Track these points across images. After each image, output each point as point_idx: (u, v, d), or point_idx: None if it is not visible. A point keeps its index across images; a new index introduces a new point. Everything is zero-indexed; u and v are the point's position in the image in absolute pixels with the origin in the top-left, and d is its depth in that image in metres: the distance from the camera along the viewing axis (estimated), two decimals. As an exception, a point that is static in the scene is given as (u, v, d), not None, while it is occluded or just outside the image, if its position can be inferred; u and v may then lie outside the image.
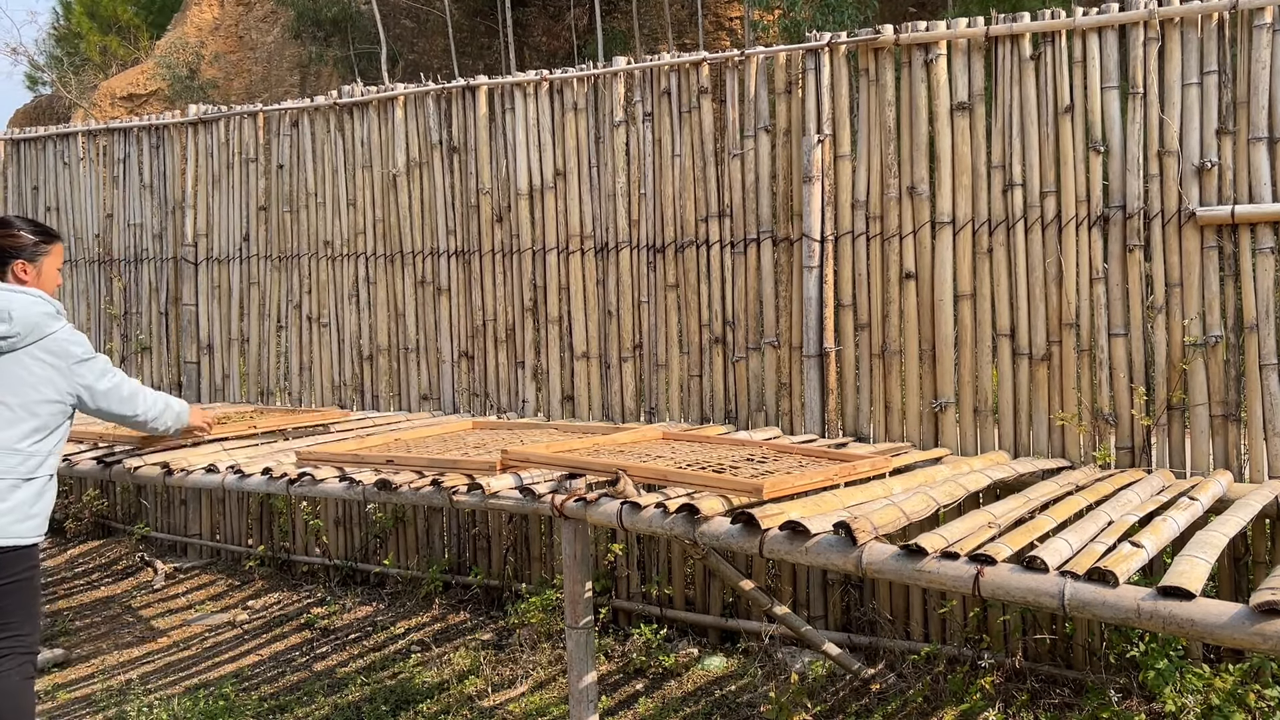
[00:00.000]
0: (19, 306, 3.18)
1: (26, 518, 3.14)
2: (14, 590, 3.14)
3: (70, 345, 3.29)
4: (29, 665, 3.18)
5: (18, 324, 3.17)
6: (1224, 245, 3.74)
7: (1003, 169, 4.06)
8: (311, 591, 5.51)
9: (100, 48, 25.08)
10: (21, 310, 3.18)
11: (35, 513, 3.18)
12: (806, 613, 4.38)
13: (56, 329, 3.26)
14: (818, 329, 4.37)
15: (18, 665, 3.14)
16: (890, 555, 2.40)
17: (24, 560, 3.15)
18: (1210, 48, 3.75)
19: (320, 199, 5.64)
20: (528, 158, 5.04)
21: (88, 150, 6.51)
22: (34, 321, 3.20)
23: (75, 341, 3.31)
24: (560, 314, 4.99)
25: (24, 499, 3.13)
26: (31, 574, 3.18)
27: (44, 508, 3.22)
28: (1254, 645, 1.99)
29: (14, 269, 3.33)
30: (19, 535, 3.12)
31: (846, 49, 4.35)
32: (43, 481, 3.21)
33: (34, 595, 3.20)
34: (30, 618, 3.18)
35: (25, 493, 3.14)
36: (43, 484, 3.21)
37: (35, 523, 3.18)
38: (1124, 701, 3.57)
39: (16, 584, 3.14)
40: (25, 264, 3.35)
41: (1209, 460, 3.76)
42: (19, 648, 3.14)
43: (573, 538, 3.20)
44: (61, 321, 3.30)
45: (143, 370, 6.27)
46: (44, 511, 3.22)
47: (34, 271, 3.36)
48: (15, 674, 3.13)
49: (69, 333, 3.31)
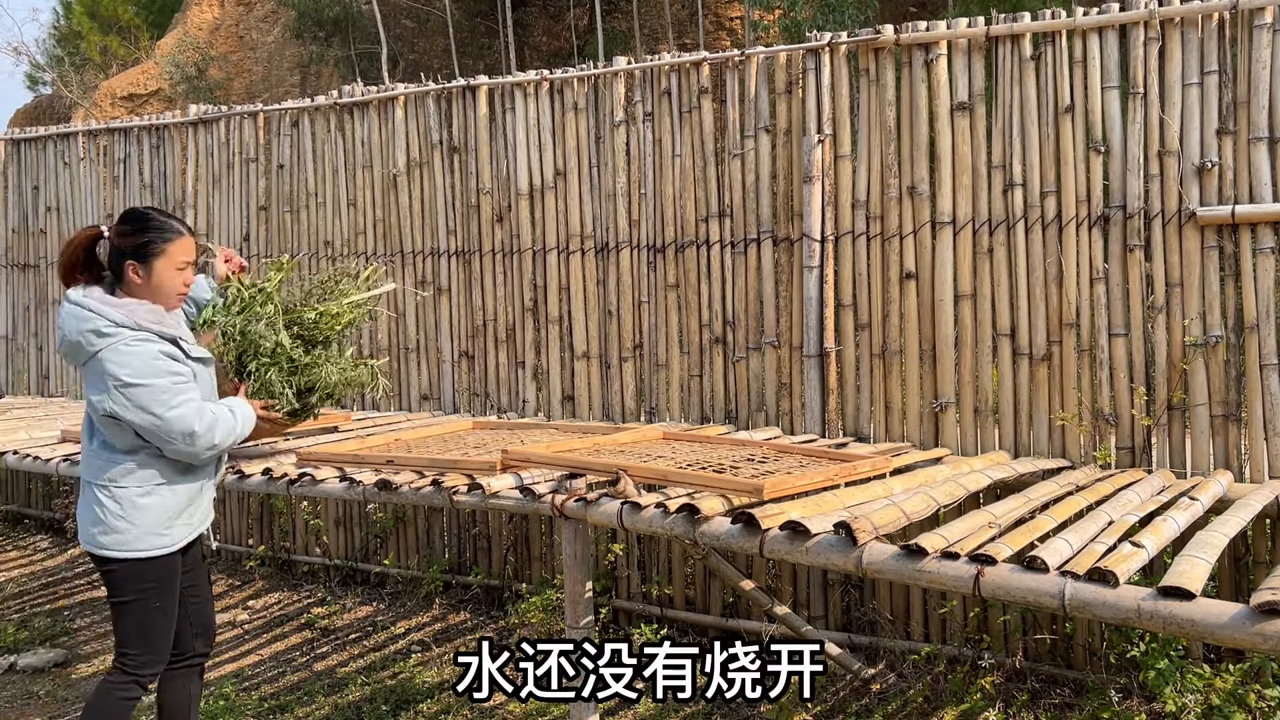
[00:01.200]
0: (67, 323, 2.92)
1: (111, 530, 2.95)
2: (117, 605, 3.03)
3: (110, 367, 2.88)
4: (134, 686, 3.04)
5: (63, 344, 2.94)
6: (1224, 245, 3.74)
7: (1003, 169, 4.06)
8: (312, 591, 5.52)
9: (101, 47, 25.10)
10: (68, 328, 2.92)
11: (122, 528, 2.95)
12: (807, 613, 4.38)
13: (99, 347, 2.89)
14: (818, 329, 4.36)
15: (123, 683, 3.03)
16: (890, 555, 2.40)
17: (120, 574, 2.98)
18: (1210, 48, 3.75)
19: (320, 199, 5.64)
20: (528, 158, 5.04)
21: (88, 150, 6.51)
22: (75, 341, 2.91)
23: (119, 363, 2.88)
24: (560, 314, 4.99)
25: (109, 509, 2.95)
26: (131, 591, 2.99)
27: (135, 524, 2.96)
28: (1254, 645, 1.99)
29: (127, 271, 2.97)
30: (100, 546, 2.97)
31: (847, 49, 4.35)
32: (133, 492, 2.96)
33: (141, 612, 3.01)
34: (141, 638, 3.02)
35: (111, 503, 2.95)
36: (133, 494, 2.96)
37: (122, 537, 2.95)
38: (1124, 701, 3.57)
39: (119, 600, 3.01)
40: (136, 265, 2.96)
41: (1209, 460, 3.76)
42: (126, 665, 3.03)
43: (573, 538, 3.20)
44: (109, 339, 2.88)
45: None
46: (136, 528, 2.96)
47: (145, 274, 2.97)
48: (118, 689, 3.03)
49: (114, 352, 2.88)
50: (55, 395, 6.61)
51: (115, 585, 3.02)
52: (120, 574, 3.00)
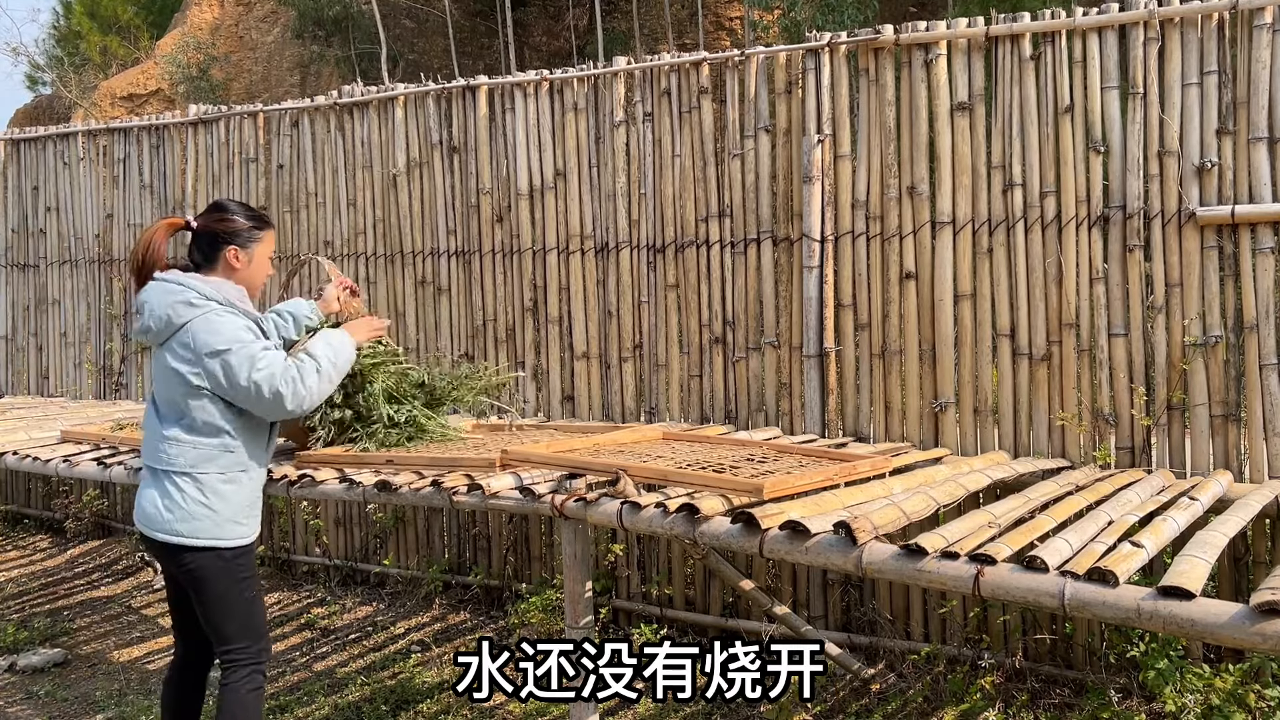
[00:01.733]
0: (153, 298, 2.97)
1: (190, 518, 2.94)
2: (209, 602, 2.99)
3: (200, 337, 2.93)
4: (257, 676, 3.03)
5: (149, 318, 2.96)
6: (1224, 245, 3.74)
7: (1003, 169, 4.06)
8: (312, 591, 5.52)
9: (100, 48, 25.11)
10: (154, 302, 2.96)
11: (202, 515, 2.95)
12: (806, 613, 4.38)
13: (190, 318, 2.94)
14: (818, 329, 4.36)
15: (245, 677, 3.00)
16: (890, 555, 2.40)
17: (204, 566, 2.96)
18: (1210, 48, 3.75)
19: (320, 199, 5.64)
20: (528, 158, 5.04)
21: (88, 150, 6.51)
22: (165, 314, 2.95)
23: (210, 331, 2.94)
24: (560, 314, 4.99)
25: (188, 497, 2.94)
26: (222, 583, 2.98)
27: (216, 511, 2.96)
28: (1254, 645, 1.99)
29: (226, 256, 3.06)
30: (179, 534, 2.94)
31: (847, 49, 4.35)
32: (215, 479, 2.98)
33: (238, 605, 3.01)
34: (246, 630, 3.01)
35: (190, 490, 2.95)
36: (215, 481, 2.98)
37: (202, 525, 2.95)
38: (1124, 701, 3.57)
39: (210, 597, 2.98)
40: (238, 250, 3.07)
41: (1209, 460, 3.76)
42: (240, 660, 3.00)
43: (573, 538, 3.20)
44: (201, 309, 2.96)
45: (144, 370, 6.27)
46: (216, 515, 2.96)
47: (245, 258, 3.08)
48: (244, 685, 2.99)
49: (205, 322, 2.95)
50: (55, 395, 6.61)
51: (203, 581, 2.98)
52: (204, 566, 2.97)
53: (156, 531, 2.98)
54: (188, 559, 2.97)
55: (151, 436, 3.06)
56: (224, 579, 2.99)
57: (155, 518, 2.98)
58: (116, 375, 6.37)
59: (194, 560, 2.97)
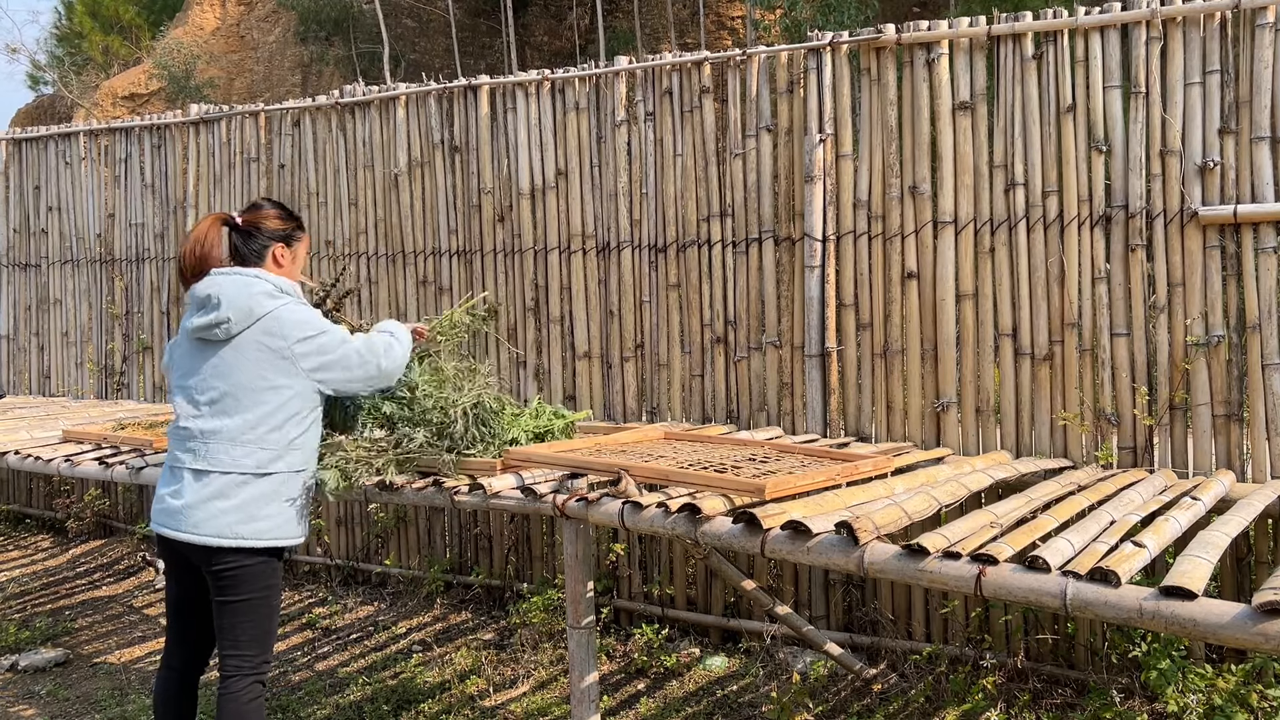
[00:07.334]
0: (229, 289, 2.92)
1: (252, 519, 2.87)
2: (233, 605, 2.91)
3: (288, 326, 2.95)
4: (257, 686, 2.96)
5: (227, 309, 2.89)
6: (1226, 245, 3.74)
7: (1005, 168, 4.06)
8: (313, 591, 5.52)
9: (102, 47, 25.12)
10: (232, 293, 2.91)
11: (265, 515, 2.90)
12: (808, 613, 4.38)
13: (273, 307, 2.95)
14: (819, 328, 4.36)
15: (246, 687, 2.93)
16: (892, 555, 2.39)
17: (250, 568, 2.89)
18: (1212, 47, 3.75)
19: (322, 199, 5.64)
20: (529, 157, 5.04)
21: (89, 150, 6.51)
22: (246, 305, 2.91)
23: (296, 322, 2.97)
24: (562, 313, 4.99)
25: (252, 496, 2.88)
26: (258, 587, 2.92)
27: (279, 511, 2.92)
28: (1256, 645, 1.99)
29: (275, 253, 3.09)
30: (240, 537, 2.86)
31: (848, 48, 4.35)
32: (280, 479, 2.93)
33: (263, 610, 2.95)
34: (258, 638, 2.95)
35: (254, 490, 2.89)
36: (279, 481, 2.93)
37: (264, 525, 2.89)
38: (1126, 702, 3.57)
39: (238, 599, 2.90)
40: (283, 248, 3.11)
41: (1211, 460, 3.76)
42: (244, 668, 2.93)
43: (574, 537, 3.20)
44: (281, 300, 2.98)
45: (144, 370, 6.28)
46: (278, 515, 2.92)
47: (290, 256, 3.13)
48: (244, 695, 2.92)
49: (289, 310, 2.98)
50: (57, 395, 6.62)
51: (239, 582, 2.90)
52: (249, 568, 2.90)
53: (206, 536, 2.86)
54: (233, 560, 2.88)
55: (201, 437, 2.92)
56: (261, 581, 2.93)
57: (209, 521, 2.86)
58: (118, 375, 6.37)
59: (238, 561, 2.89)
